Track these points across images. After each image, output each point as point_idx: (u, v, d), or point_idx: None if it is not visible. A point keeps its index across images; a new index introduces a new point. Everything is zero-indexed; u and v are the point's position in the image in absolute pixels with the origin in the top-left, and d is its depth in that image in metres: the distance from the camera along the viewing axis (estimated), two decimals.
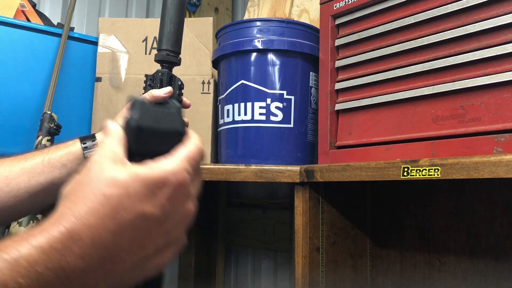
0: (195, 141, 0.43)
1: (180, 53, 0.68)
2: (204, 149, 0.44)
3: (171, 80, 0.68)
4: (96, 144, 0.67)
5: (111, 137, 0.41)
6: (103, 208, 0.35)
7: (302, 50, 1.01)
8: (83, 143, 0.67)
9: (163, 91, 0.65)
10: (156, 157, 0.41)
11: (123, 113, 0.68)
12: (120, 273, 0.37)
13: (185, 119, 0.45)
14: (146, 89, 0.68)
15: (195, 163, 0.41)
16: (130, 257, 0.37)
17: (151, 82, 0.68)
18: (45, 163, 0.64)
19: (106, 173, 0.37)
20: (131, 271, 0.38)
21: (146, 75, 0.69)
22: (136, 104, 0.43)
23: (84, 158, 0.66)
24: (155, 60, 0.67)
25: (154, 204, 0.37)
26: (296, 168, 0.85)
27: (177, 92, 0.68)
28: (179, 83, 0.68)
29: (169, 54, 0.66)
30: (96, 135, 0.69)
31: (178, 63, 0.68)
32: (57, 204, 0.37)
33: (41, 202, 0.66)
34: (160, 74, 0.67)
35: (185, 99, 0.70)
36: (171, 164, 0.39)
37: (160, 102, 0.59)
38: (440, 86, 0.74)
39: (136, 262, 0.38)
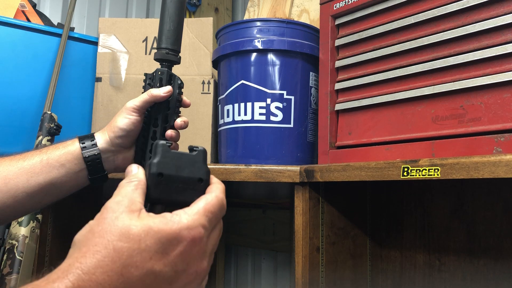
0: (217, 192, 0.42)
1: (179, 52, 0.67)
2: (224, 201, 0.42)
3: (171, 79, 0.67)
4: (95, 144, 0.66)
5: (131, 183, 0.40)
6: (113, 263, 0.34)
7: (302, 50, 1.01)
8: (82, 143, 0.66)
9: (163, 91, 0.65)
10: (177, 206, 0.40)
11: (121, 112, 0.67)
12: None
13: (207, 167, 0.44)
14: (145, 88, 0.67)
15: (213, 216, 0.40)
16: None
17: (151, 81, 0.67)
18: (44, 163, 0.64)
19: (120, 224, 0.36)
20: None
21: (146, 74, 0.68)
22: (158, 149, 0.42)
23: (82, 157, 0.65)
24: (155, 59, 0.66)
25: (165, 263, 0.36)
26: (296, 168, 0.85)
27: (177, 91, 0.67)
28: (179, 82, 0.67)
29: (168, 52, 0.65)
30: (95, 134, 0.68)
31: (177, 61, 0.67)
32: (69, 252, 0.37)
33: (39, 202, 0.66)
34: (159, 73, 0.66)
35: (185, 98, 0.69)
36: (187, 218, 0.38)
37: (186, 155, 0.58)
38: (440, 86, 0.74)
39: None
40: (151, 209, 0.42)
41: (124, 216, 0.37)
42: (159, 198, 0.41)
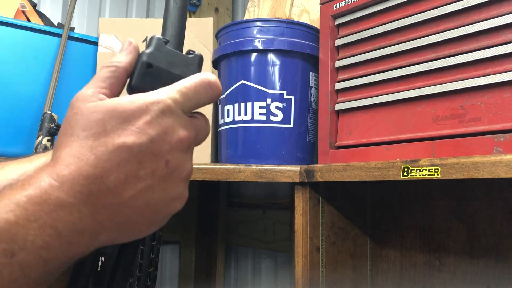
0: (201, 74, 0.39)
1: None
2: (216, 83, 0.39)
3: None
4: None
5: (108, 68, 0.39)
6: (81, 148, 0.34)
7: (302, 50, 1.01)
8: None
9: None
10: None
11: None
12: (121, 209, 0.35)
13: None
14: None
15: (193, 94, 0.38)
16: (126, 188, 0.34)
17: None
18: None
19: (81, 112, 0.35)
20: (135, 205, 0.35)
21: None
22: (153, 41, 0.41)
23: None
24: None
25: (134, 133, 0.35)
26: (296, 168, 0.85)
27: None
28: None
29: None
30: None
31: None
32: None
33: None
34: None
35: None
36: (155, 93, 0.36)
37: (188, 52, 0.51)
38: (440, 86, 0.74)
39: (135, 194, 0.35)
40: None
41: (86, 104, 0.36)
42: (142, 88, 0.39)
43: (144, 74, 0.39)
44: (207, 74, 0.39)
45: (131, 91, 0.39)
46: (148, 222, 0.37)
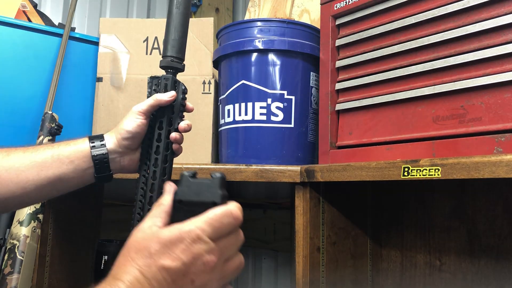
0: (223, 208, 0.49)
1: (184, 60, 0.71)
2: (236, 212, 0.49)
3: (175, 85, 0.70)
4: (103, 144, 0.70)
5: (159, 206, 0.51)
6: (132, 268, 0.46)
7: (302, 50, 1.01)
8: (92, 142, 0.69)
9: (167, 95, 0.68)
10: None
11: (128, 115, 0.70)
12: None
13: (225, 192, 0.51)
14: (150, 93, 0.70)
15: (217, 223, 0.48)
16: None
17: (156, 86, 0.70)
18: (55, 158, 0.67)
19: (135, 239, 0.48)
20: None
21: (151, 79, 0.71)
22: (181, 178, 0.51)
23: (91, 156, 0.68)
24: (160, 66, 0.70)
25: (172, 258, 0.46)
26: (297, 168, 0.86)
27: (181, 96, 0.70)
28: (183, 87, 0.71)
29: (173, 60, 0.70)
30: (104, 135, 0.70)
31: (182, 69, 0.71)
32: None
33: (46, 195, 0.69)
34: (164, 79, 0.70)
35: (188, 103, 0.72)
36: (188, 224, 0.47)
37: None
38: (441, 86, 0.74)
39: None
40: None
41: (140, 233, 0.48)
42: (180, 220, 0.49)
43: (177, 208, 0.50)
44: (231, 206, 0.49)
45: (171, 221, 0.50)
46: None
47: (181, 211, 0.50)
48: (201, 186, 0.50)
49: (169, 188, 0.53)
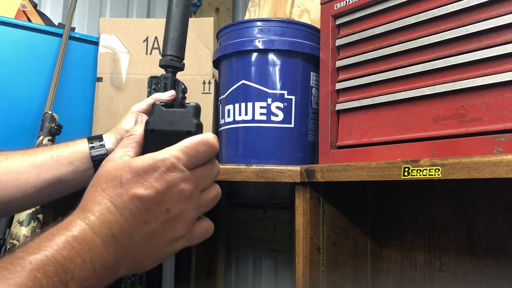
0: (198, 136, 0.47)
1: (183, 58, 0.71)
2: (213, 142, 0.47)
3: (175, 84, 0.70)
4: (103, 144, 0.69)
5: (129, 137, 0.49)
6: (102, 198, 0.43)
7: (302, 50, 1.01)
8: (90, 143, 0.69)
9: (167, 95, 0.68)
10: None
11: (127, 115, 0.70)
12: (134, 249, 0.43)
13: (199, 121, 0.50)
14: (150, 92, 0.70)
15: (193, 152, 0.46)
16: (137, 232, 0.43)
17: (156, 86, 0.70)
18: (54, 159, 0.67)
19: (105, 170, 0.45)
20: (144, 246, 0.44)
21: (151, 78, 0.71)
22: (152, 108, 0.49)
23: (90, 157, 0.68)
24: (160, 65, 0.70)
25: (145, 186, 0.43)
26: (297, 168, 0.85)
27: (180, 95, 0.70)
28: (183, 87, 0.70)
29: (173, 59, 0.69)
30: (103, 135, 0.70)
31: (182, 68, 0.70)
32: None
33: (46, 197, 0.69)
34: (164, 78, 0.70)
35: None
36: (161, 153, 0.45)
37: (183, 105, 0.65)
38: (441, 86, 0.74)
39: (144, 237, 0.44)
40: None
41: (110, 163, 0.46)
42: (152, 149, 0.47)
43: (150, 138, 0.48)
44: (207, 134, 0.47)
45: (143, 152, 0.47)
46: (153, 259, 0.46)
47: (153, 141, 0.48)
48: (174, 115, 0.48)
49: (140, 119, 0.51)
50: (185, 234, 0.47)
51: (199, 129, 0.48)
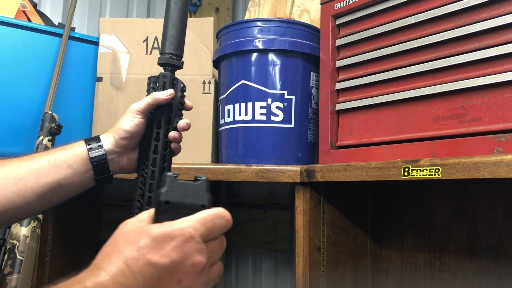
0: (215, 210, 0.48)
1: (182, 57, 0.69)
2: (226, 215, 0.49)
3: (174, 83, 0.69)
4: (101, 145, 0.68)
5: (143, 213, 0.49)
6: (118, 259, 0.44)
7: (302, 50, 1.01)
8: (88, 144, 0.68)
9: (165, 94, 0.67)
10: None
11: (126, 114, 0.69)
12: None
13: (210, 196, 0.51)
14: (149, 91, 0.69)
15: (208, 223, 0.47)
16: None
17: (154, 84, 0.69)
18: (52, 163, 0.66)
19: (125, 233, 0.46)
20: None
21: (150, 78, 0.70)
22: (165, 179, 0.49)
23: (89, 159, 0.67)
24: (158, 64, 0.69)
25: (161, 254, 0.44)
26: (297, 168, 0.85)
27: (180, 94, 0.69)
28: (182, 85, 0.69)
29: (172, 57, 0.68)
30: (100, 136, 0.69)
31: (180, 66, 0.69)
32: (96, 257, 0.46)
33: (47, 202, 0.68)
34: (162, 77, 0.69)
35: (187, 101, 0.71)
36: (180, 222, 0.46)
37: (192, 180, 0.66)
38: (441, 86, 0.74)
39: None
40: None
41: (129, 226, 0.47)
42: (165, 220, 0.47)
43: (164, 210, 0.48)
44: (222, 209, 0.49)
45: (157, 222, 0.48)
46: None
47: (167, 212, 0.48)
48: (187, 188, 0.49)
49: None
50: None
51: (211, 203, 0.49)
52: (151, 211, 0.49)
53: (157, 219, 0.48)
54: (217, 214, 0.48)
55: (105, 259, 0.44)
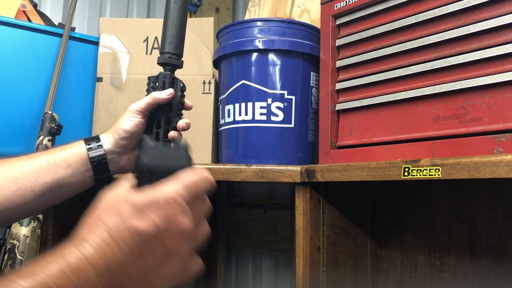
0: (198, 173, 0.47)
1: (182, 56, 0.69)
2: (207, 177, 0.48)
3: (173, 82, 0.68)
4: (100, 145, 0.68)
5: (122, 180, 0.48)
6: (101, 229, 0.42)
7: (303, 50, 1.01)
8: (88, 144, 0.68)
9: (165, 93, 0.67)
10: None
11: (125, 114, 0.69)
12: (128, 284, 0.42)
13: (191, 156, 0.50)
14: (148, 91, 0.69)
15: (191, 186, 0.46)
16: (133, 267, 0.42)
17: (154, 84, 0.69)
18: (51, 163, 0.66)
19: (104, 201, 0.45)
20: (138, 281, 0.43)
21: (149, 77, 0.70)
22: (143, 142, 0.48)
23: (89, 158, 0.67)
24: (158, 63, 0.68)
25: (144, 220, 0.43)
26: (297, 168, 0.85)
27: (179, 94, 0.69)
28: (181, 85, 0.69)
29: (171, 57, 0.68)
30: (100, 136, 0.69)
31: (180, 65, 0.69)
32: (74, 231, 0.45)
33: (46, 202, 0.67)
34: (162, 76, 0.68)
35: (187, 101, 0.71)
36: (163, 188, 0.44)
37: (169, 140, 0.65)
38: (441, 86, 0.74)
39: (139, 272, 0.43)
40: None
41: (110, 194, 0.45)
42: (145, 184, 0.46)
43: (144, 173, 0.47)
44: (205, 171, 0.48)
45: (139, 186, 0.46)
46: None
47: (147, 176, 0.47)
48: (166, 150, 0.48)
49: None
50: (180, 271, 0.46)
51: (192, 164, 0.48)
52: (130, 176, 0.47)
53: (138, 183, 0.46)
54: (201, 177, 0.47)
55: (87, 229, 0.43)
